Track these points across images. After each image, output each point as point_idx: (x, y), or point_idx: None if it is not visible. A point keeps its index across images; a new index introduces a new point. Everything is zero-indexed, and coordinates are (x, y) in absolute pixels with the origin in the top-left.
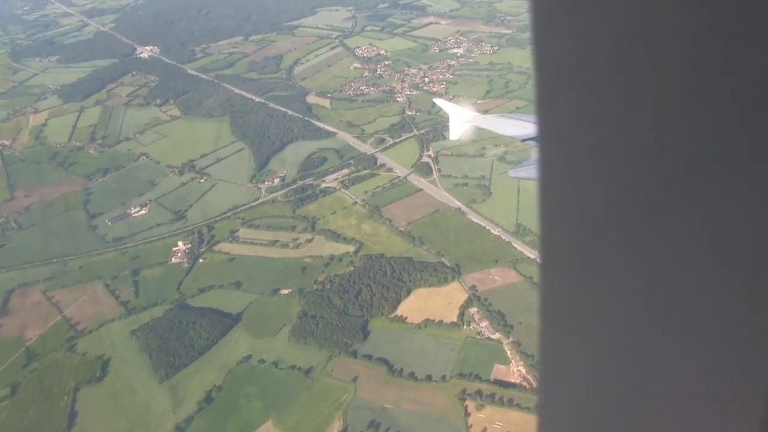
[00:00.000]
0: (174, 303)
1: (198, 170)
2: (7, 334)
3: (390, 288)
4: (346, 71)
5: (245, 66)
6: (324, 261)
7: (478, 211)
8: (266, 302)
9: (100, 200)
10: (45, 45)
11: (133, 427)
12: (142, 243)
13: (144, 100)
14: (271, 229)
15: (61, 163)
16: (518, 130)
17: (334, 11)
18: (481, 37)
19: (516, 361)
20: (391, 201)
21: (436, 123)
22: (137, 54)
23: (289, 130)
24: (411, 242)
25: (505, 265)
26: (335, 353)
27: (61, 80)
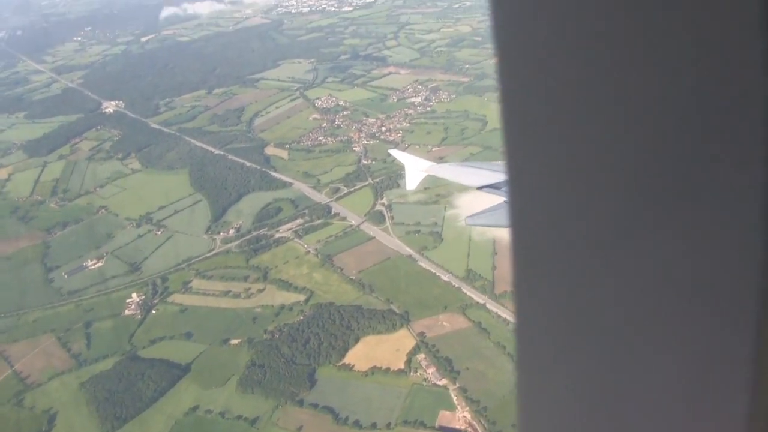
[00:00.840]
0: (124, 355)
1: (155, 222)
2: None
3: (338, 336)
4: (305, 122)
5: (207, 119)
6: (275, 310)
7: (429, 258)
8: (216, 352)
9: (57, 253)
10: (14, 102)
11: None
12: (96, 295)
13: (106, 154)
14: (224, 280)
15: (21, 218)
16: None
17: (297, 63)
18: (439, 85)
19: (462, 406)
20: (344, 249)
21: (390, 171)
22: (102, 109)
23: (246, 181)
24: (361, 290)
25: (454, 310)
26: (282, 402)
27: (27, 136)
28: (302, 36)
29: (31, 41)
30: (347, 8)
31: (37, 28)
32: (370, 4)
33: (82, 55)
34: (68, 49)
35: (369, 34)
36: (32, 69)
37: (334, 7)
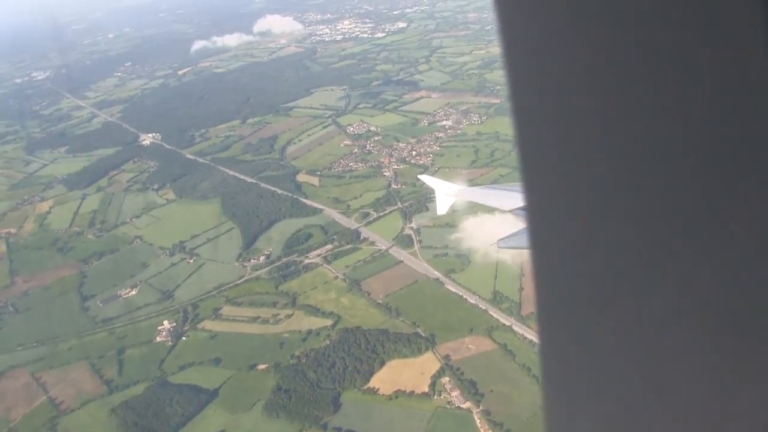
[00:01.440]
0: (155, 380)
1: (188, 251)
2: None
3: (363, 360)
4: (336, 149)
5: (240, 148)
6: (302, 336)
7: (456, 281)
8: (243, 378)
9: (93, 283)
10: (56, 137)
11: None
12: (129, 323)
13: (142, 185)
14: (253, 306)
15: (60, 249)
16: (503, 201)
17: (329, 91)
18: (469, 108)
19: (484, 430)
20: (371, 274)
21: (420, 195)
22: (140, 141)
23: (277, 208)
24: (387, 314)
25: (480, 333)
26: (306, 426)
27: (68, 170)
28: (335, 63)
29: (74, 78)
30: (380, 34)
31: (80, 66)
32: (402, 30)
33: (121, 90)
34: (109, 85)
35: (401, 59)
36: (74, 105)
37: (368, 33)
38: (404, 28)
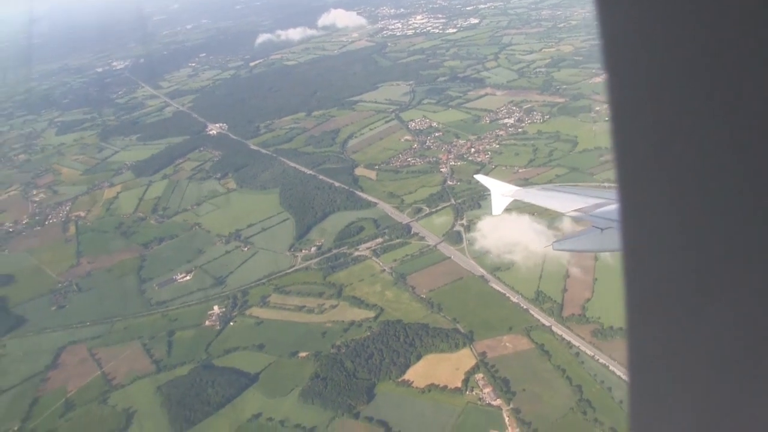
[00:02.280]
0: (200, 362)
1: (243, 239)
2: (53, 385)
3: (401, 353)
4: (396, 143)
5: (303, 140)
6: (344, 326)
7: (500, 279)
8: (284, 364)
9: (151, 267)
10: (129, 125)
11: None
12: (182, 306)
13: (206, 174)
14: (300, 295)
15: (124, 233)
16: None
17: (395, 86)
18: (533, 106)
19: (512, 427)
20: (418, 269)
21: (473, 193)
22: (207, 131)
23: (332, 201)
24: (429, 309)
25: (519, 332)
26: (339, 414)
27: (137, 157)
28: (403, 59)
29: (150, 68)
30: (451, 30)
31: (157, 56)
32: (474, 26)
33: (194, 80)
34: (183, 75)
35: (469, 56)
36: (149, 94)
37: (439, 29)
38: (476, 24)
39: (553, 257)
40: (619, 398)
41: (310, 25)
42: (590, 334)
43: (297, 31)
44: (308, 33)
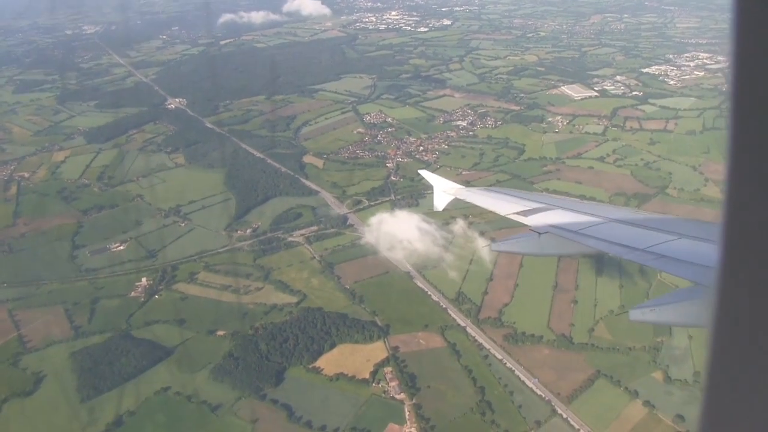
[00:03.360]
0: (119, 332)
1: (182, 215)
2: None
3: (316, 340)
4: (348, 135)
5: (258, 123)
6: (266, 309)
7: (426, 277)
8: (201, 340)
9: (87, 234)
10: (89, 91)
11: None
12: (111, 276)
13: (157, 147)
14: (228, 275)
15: (65, 198)
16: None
17: (358, 78)
18: (488, 111)
19: (411, 422)
20: (347, 259)
21: (414, 190)
22: (166, 105)
23: (276, 185)
24: (351, 300)
25: (434, 330)
26: (246, 394)
27: (92, 123)
28: (371, 52)
29: (121, 36)
30: (423, 29)
31: (130, 25)
32: (445, 27)
33: (162, 53)
34: (152, 47)
35: (436, 56)
36: (115, 62)
37: (411, 26)
38: (448, 26)
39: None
40: (519, 402)
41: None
42: (502, 337)
43: (260, 15)
44: (271, 18)
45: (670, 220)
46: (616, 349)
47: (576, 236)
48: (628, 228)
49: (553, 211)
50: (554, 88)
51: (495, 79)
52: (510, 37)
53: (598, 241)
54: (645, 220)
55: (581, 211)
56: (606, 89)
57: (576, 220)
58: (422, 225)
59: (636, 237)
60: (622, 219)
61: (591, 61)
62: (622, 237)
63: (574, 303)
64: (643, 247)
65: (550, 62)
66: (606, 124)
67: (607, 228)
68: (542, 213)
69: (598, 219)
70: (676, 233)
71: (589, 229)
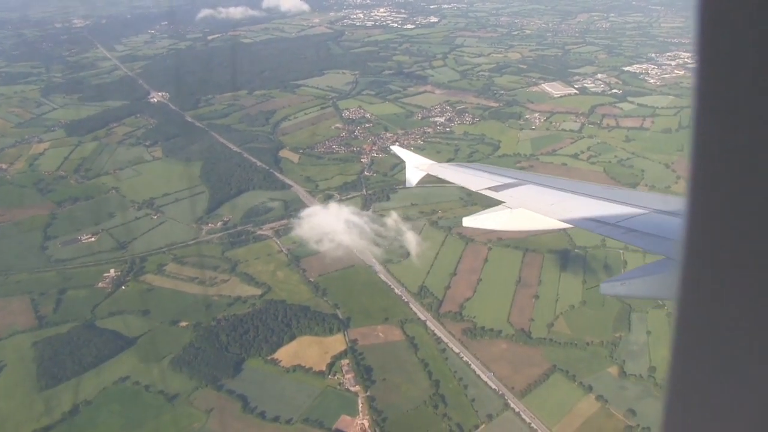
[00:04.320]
0: (83, 322)
1: (155, 207)
2: None
3: (276, 332)
4: (326, 130)
5: (238, 117)
6: (230, 301)
7: (390, 271)
8: (164, 331)
9: (60, 225)
10: (74, 84)
11: None
12: (80, 266)
13: (136, 140)
14: (195, 267)
15: (41, 189)
16: (471, 180)
17: (341, 74)
18: (467, 108)
19: (364, 414)
20: (314, 253)
21: (385, 185)
22: (149, 98)
23: (250, 179)
24: (315, 292)
25: (394, 323)
26: (203, 384)
27: (73, 116)
28: (356, 48)
29: (110, 30)
30: (409, 26)
31: (120, 19)
32: (432, 24)
33: (150, 47)
34: (140, 41)
35: (420, 53)
36: (102, 56)
37: (398, 23)
38: (434, 23)
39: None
40: (473, 396)
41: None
42: (461, 331)
43: (238, 11)
44: (250, 13)
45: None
46: (574, 344)
47: (547, 211)
48: (599, 202)
49: (525, 186)
50: (535, 86)
51: (477, 76)
52: (495, 35)
53: (569, 216)
54: (616, 195)
55: (553, 186)
56: (586, 87)
57: (548, 195)
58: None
59: (606, 211)
60: (594, 194)
61: (573, 59)
62: (593, 211)
63: (535, 298)
64: (613, 221)
65: (532, 60)
66: (583, 121)
67: (578, 203)
68: (514, 188)
69: (569, 194)
70: (647, 207)
71: (560, 204)
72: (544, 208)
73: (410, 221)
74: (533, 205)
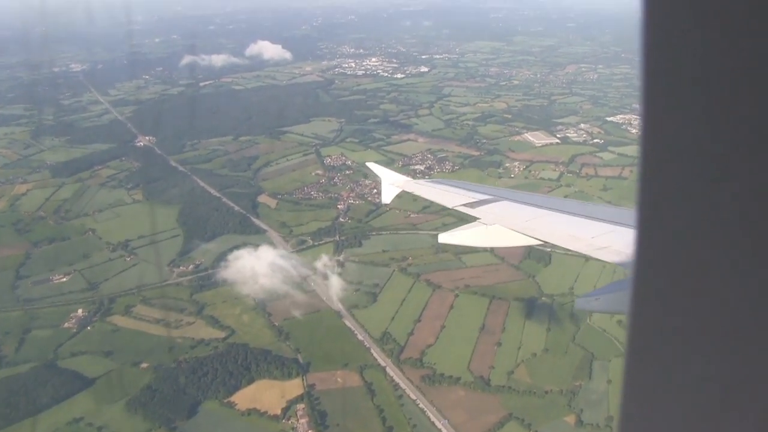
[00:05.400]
0: (44, 362)
1: (129, 249)
2: None
3: (235, 375)
4: (306, 176)
5: (221, 163)
6: (193, 343)
7: (355, 316)
8: (124, 372)
9: (34, 265)
10: (65, 127)
11: None
12: (49, 306)
13: (119, 182)
14: (163, 309)
15: (19, 230)
16: (447, 197)
17: (327, 122)
18: (447, 156)
19: None
20: (281, 297)
21: (358, 232)
22: (136, 142)
23: (226, 223)
24: (278, 336)
25: (354, 369)
26: (156, 426)
27: (60, 158)
28: (345, 97)
29: (105, 75)
30: (399, 75)
31: (117, 64)
32: (422, 74)
33: (142, 92)
34: (133, 86)
35: (407, 101)
36: (94, 100)
37: (389, 73)
38: (425, 73)
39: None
40: None
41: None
42: (420, 378)
43: (220, 58)
44: (232, 61)
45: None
46: (533, 392)
47: (523, 227)
48: (574, 218)
49: (500, 202)
50: (517, 135)
51: (461, 125)
52: (483, 85)
53: (544, 232)
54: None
55: (529, 203)
56: (568, 136)
57: (523, 212)
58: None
59: (581, 227)
60: (570, 210)
61: (558, 109)
62: (568, 228)
63: (497, 345)
64: (588, 237)
65: (517, 109)
66: (563, 170)
67: (553, 219)
68: (489, 204)
69: (545, 210)
70: (622, 223)
71: (536, 220)
72: (519, 224)
73: (380, 267)
74: (509, 222)
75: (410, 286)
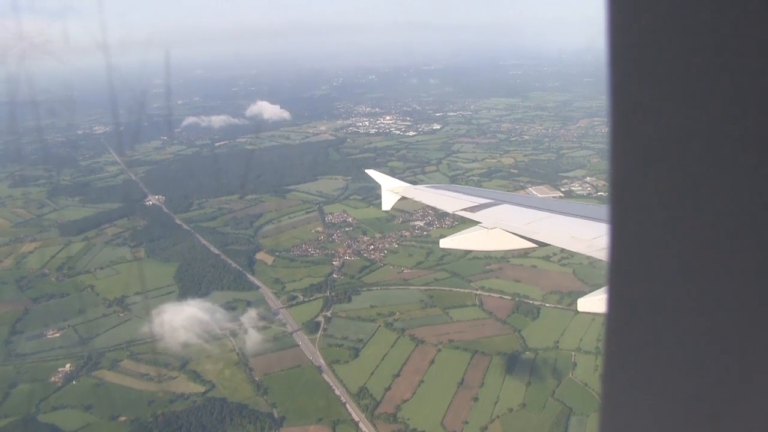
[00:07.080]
0: (24, 416)
1: (124, 305)
2: None
3: (208, 428)
4: (306, 234)
5: (225, 221)
6: (173, 397)
7: (335, 371)
8: (100, 426)
9: (30, 320)
10: (80, 186)
11: None
12: (38, 361)
13: (123, 240)
14: (148, 364)
15: (21, 286)
16: (446, 202)
17: (333, 180)
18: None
19: None
20: (264, 352)
21: (349, 288)
22: (145, 201)
23: (220, 279)
24: (256, 391)
25: (327, 423)
26: None
27: (71, 217)
28: (355, 155)
29: (126, 137)
30: (411, 132)
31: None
32: (434, 131)
33: (158, 153)
34: (150, 147)
35: (415, 158)
36: (112, 161)
37: (401, 131)
38: (437, 130)
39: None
40: None
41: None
42: None
43: (220, 119)
44: (231, 122)
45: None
46: None
47: (524, 230)
48: (575, 220)
49: (501, 205)
50: (521, 189)
51: (466, 181)
52: (494, 141)
53: (545, 235)
54: (593, 212)
55: (530, 206)
56: (572, 190)
57: (524, 215)
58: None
59: (582, 229)
60: (571, 212)
61: (566, 162)
62: (569, 229)
63: (474, 400)
64: (589, 238)
65: (525, 164)
66: None
67: (554, 221)
68: (490, 208)
69: (546, 213)
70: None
71: (536, 223)
72: (520, 227)
73: (366, 322)
74: (509, 225)
75: (394, 341)
